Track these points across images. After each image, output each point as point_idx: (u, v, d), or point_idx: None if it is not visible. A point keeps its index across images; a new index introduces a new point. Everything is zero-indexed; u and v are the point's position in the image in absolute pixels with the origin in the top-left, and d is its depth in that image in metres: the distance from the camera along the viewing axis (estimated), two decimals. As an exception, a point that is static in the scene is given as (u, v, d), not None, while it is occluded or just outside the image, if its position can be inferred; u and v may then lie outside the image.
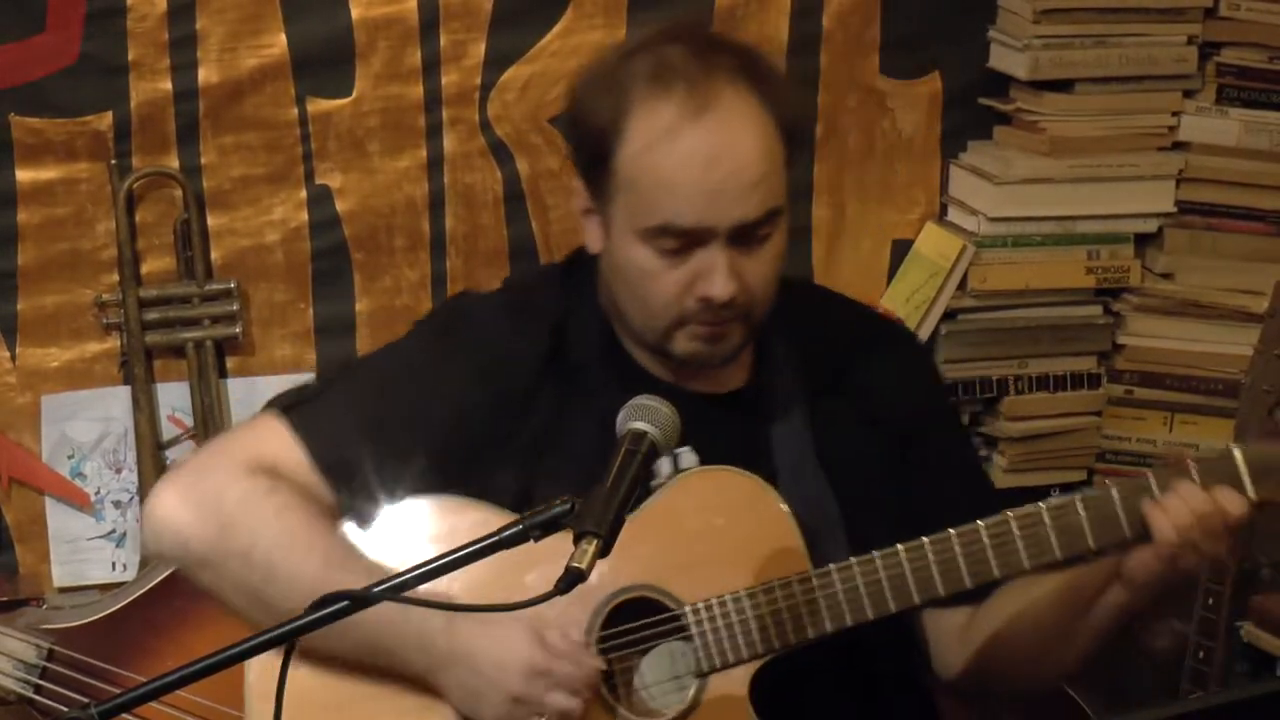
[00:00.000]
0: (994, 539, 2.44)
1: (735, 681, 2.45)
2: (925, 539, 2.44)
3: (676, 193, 2.43)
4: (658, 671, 2.48)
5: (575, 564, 2.05)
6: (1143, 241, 3.82)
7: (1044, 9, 3.68)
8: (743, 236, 2.45)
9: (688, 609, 2.45)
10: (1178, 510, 2.38)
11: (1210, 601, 3.25)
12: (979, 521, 2.45)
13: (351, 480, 2.50)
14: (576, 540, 2.08)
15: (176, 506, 2.49)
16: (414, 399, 2.54)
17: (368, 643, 2.42)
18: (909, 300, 3.73)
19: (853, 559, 2.45)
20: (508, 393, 2.53)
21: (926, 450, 2.63)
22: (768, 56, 2.61)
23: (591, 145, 2.49)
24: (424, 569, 2.05)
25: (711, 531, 2.48)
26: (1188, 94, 3.78)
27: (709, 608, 2.45)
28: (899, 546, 2.44)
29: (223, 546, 2.46)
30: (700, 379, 2.58)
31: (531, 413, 2.54)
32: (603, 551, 2.07)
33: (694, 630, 2.45)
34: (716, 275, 2.44)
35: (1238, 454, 2.43)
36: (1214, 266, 3.80)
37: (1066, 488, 3.85)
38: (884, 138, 3.79)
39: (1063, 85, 3.74)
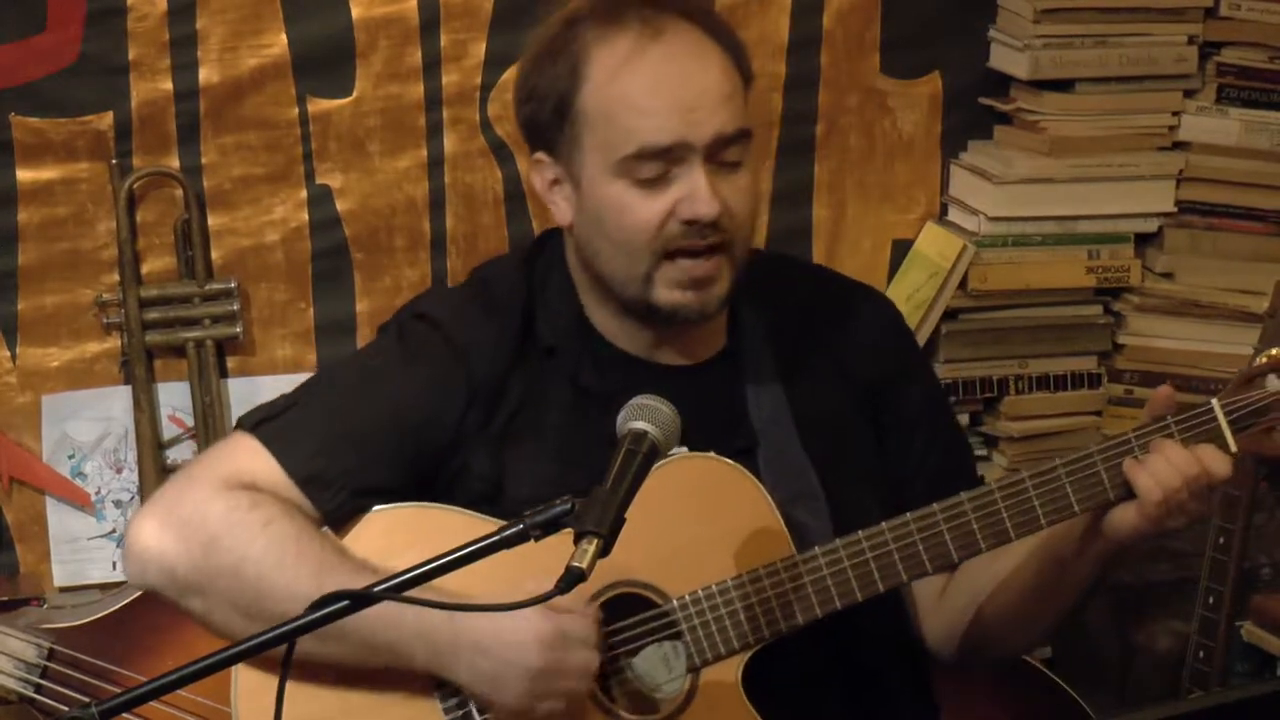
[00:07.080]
0: (979, 512, 2.42)
1: (728, 670, 2.45)
2: (909, 515, 2.43)
3: (650, 112, 2.40)
4: (650, 664, 2.48)
5: (575, 563, 2.05)
6: (1143, 241, 3.82)
7: (1044, 9, 3.68)
8: (718, 154, 2.41)
9: (675, 603, 2.44)
10: (1164, 472, 2.36)
11: (1210, 601, 3.25)
12: (963, 494, 2.43)
13: (329, 489, 2.48)
14: (577, 540, 2.08)
15: (157, 532, 2.44)
16: (383, 403, 2.51)
17: (365, 641, 2.39)
18: (909, 300, 3.73)
19: (838, 540, 2.44)
20: (478, 384, 2.51)
21: (898, 404, 2.62)
22: (711, 7, 2.56)
23: (552, 103, 2.45)
24: (423, 568, 2.06)
25: (690, 520, 2.46)
26: (1188, 94, 3.78)
27: (696, 601, 2.44)
28: (884, 525, 2.43)
29: (211, 565, 2.41)
30: (671, 350, 2.55)
31: (504, 401, 2.52)
32: (603, 551, 2.08)
33: (684, 626, 2.44)
34: (699, 193, 2.40)
35: (1218, 407, 2.41)
36: (1214, 266, 3.79)
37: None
38: (884, 138, 3.79)
39: (1063, 85, 3.73)
